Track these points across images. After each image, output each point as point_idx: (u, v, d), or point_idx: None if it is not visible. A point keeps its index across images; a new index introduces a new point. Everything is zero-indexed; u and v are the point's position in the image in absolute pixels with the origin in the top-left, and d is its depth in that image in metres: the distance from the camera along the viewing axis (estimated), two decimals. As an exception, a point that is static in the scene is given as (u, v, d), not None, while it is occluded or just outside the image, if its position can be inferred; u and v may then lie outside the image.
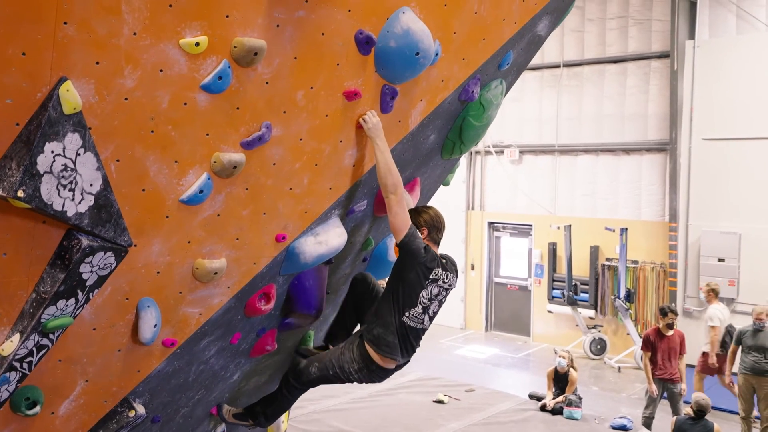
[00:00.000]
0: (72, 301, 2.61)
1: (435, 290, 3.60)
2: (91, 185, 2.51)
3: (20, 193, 2.27)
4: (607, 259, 13.11)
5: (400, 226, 3.42)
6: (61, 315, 2.60)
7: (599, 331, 12.88)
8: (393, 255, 4.23)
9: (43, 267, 2.56)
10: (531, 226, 14.32)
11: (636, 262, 12.78)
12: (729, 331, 9.30)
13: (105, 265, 2.66)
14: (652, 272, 12.68)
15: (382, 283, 3.91)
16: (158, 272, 2.94)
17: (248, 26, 2.76)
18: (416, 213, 3.68)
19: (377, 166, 3.39)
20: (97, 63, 2.42)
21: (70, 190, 2.44)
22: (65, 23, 2.29)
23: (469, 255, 15.13)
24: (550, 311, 13.67)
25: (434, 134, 3.97)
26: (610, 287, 13.03)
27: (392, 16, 3.24)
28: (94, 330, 2.85)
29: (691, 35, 12.12)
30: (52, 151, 2.35)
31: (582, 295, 13.11)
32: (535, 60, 10.33)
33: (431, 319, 3.66)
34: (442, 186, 4.83)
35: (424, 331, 3.66)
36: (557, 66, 13.78)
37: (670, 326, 8.43)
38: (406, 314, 3.53)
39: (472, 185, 15.22)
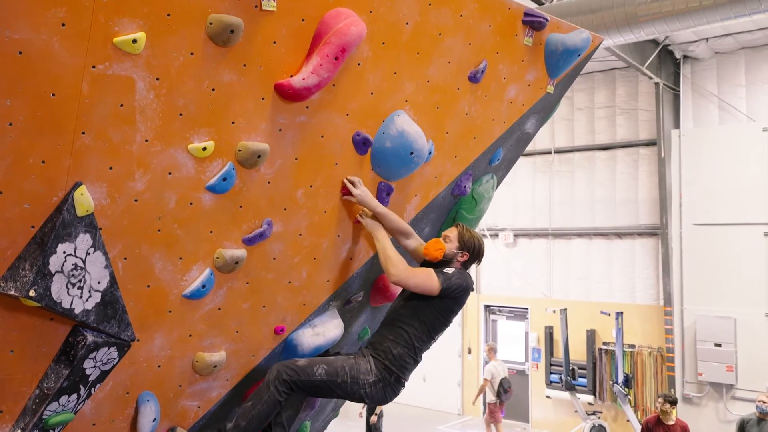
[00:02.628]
0: (74, 396, 2.67)
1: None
2: (99, 283, 2.62)
3: (32, 293, 2.37)
4: (604, 343, 13.04)
5: (429, 288, 3.33)
6: (63, 411, 2.65)
7: (599, 418, 12.65)
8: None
9: (47, 363, 2.63)
10: (527, 309, 14.32)
11: (633, 346, 12.72)
12: (502, 383, 11.53)
13: (108, 360, 2.73)
14: (650, 357, 12.60)
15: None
16: (159, 366, 3.01)
17: (252, 131, 2.95)
18: (468, 233, 3.61)
19: (379, 256, 3.41)
20: (111, 168, 2.58)
21: (78, 288, 2.54)
22: (83, 133, 2.46)
23: (465, 338, 15.05)
24: (548, 396, 13.48)
25: (428, 227, 4.12)
26: (608, 372, 12.91)
27: (388, 118, 3.45)
28: (93, 425, 2.88)
29: (676, 124, 12.56)
30: (64, 252, 2.47)
31: (580, 379, 12.97)
32: (527, 147, 10.70)
33: None
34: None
35: None
36: (549, 152, 14.17)
37: (667, 413, 8.27)
38: (435, 338, 3.47)
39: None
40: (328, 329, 3.62)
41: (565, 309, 13.05)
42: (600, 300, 13.25)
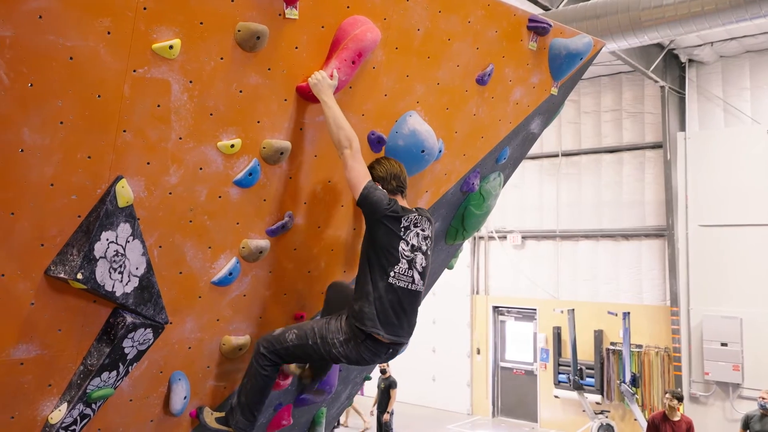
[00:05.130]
0: (114, 373, 2.90)
1: (414, 240, 3.25)
2: (137, 268, 2.85)
3: (79, 276, 2.61)
4: (612, 344, 13.20)
5: (357, 181, 3.17)
6: (104, 386, 2.88)
7: (607, 417, 12.80)
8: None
9: (91, 342, 2.86)
10: (535, 310, 14.49)
11: (640, 346, 12.87)
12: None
13: (144, 340, 2.96)
14: (657, 357, 12.74)
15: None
16: (190, 348, 3.24)
17: (276, 129, 3.19)
18: (369, 169, 3.34)
19: (326, 123, 3.18)
20: (148, 163, 2.82)
21: (119, 272, 2.77)
22: (124, 131, 2.70)
23: (474, 339, 15.23)
24: (556, 396, 13.63)
25: (439, 222, 4.34)
26: (615, 372, 13.06)
27: (400, 118, 3.68)
28: (130, 401, 3.11)
29: (682, 127, 12.73)
30: (107, 239, 2.70)
31: (588, 379, 13.12)
32: (535, 149, 10.89)
33: (422, 276, 3.27)
34: (447, 270, 5.15)
35: (417, 294, 3.27)
36: (556, 155, 14.36)
37: (673, 409, 8.44)
38: (392, 274, 3.16)
39: (476, 270, 15.51)
40: (344, 317, 3.84)
41: (573, 309, 13.22)
42: (607, 301, 13.42)
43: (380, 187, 3.26)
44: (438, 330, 15.24)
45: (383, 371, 11.37)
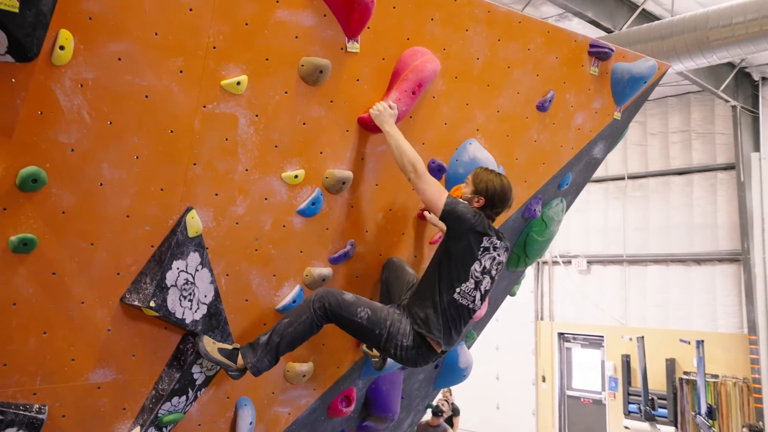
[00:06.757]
0: (184, 398, 3.00)
1: (487, 263, 3.19)
2: (206, 296, 2.95)
3: (152, 303, 2.73)
4: (685, 373, 12.65)
5: (433, 199, 3.15)
6: (174, 411, 2.98)
7: (681, 450, 12.26)
8: (463, 362, 4.46)
9: (162, 367, 2.97)
10: (602, 337, 14.07)
11: (716, 376, 12.29)
12: None
13: (212, 366, 3.05)
14: (735, 387, 12.14)
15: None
16: (255, 374, 3.31)
17: (338, 160, 3.27)
18: (484, 174, 3.29)
19: (391, 151, 3.20)
20: (216, 194, 2.93)
21: (189, 300, 2.88)
22: (194, 164, 2.82)
23: (539, 366, 14.89)
24: (627, 427, 13.13)
25: (501, 249, 4.31)
26: (690, 402, 12.50)
27: (460, 146, 3.71)
28: (199, 426, 3.20)
29: (756, 147, 12.22)
30: (178, 268, 2.82)
31: (660, 410, 12.60)
32: (599, 172, 10.65)
33: (482, 298, 3.24)
34: (509, 297, 5.09)
35: (474, 311, 3.25)
36: (622, 178, 14.03)
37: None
38: (458, 290, 3.14)
39: (541, 295, 15.21)
40: (406, 344, 3.84)
41: (642, 337, 12.77)
42: (679, 328, 12.90)
43: (463, 201, 3.20)
44: (501, 357, 14.97)
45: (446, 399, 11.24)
